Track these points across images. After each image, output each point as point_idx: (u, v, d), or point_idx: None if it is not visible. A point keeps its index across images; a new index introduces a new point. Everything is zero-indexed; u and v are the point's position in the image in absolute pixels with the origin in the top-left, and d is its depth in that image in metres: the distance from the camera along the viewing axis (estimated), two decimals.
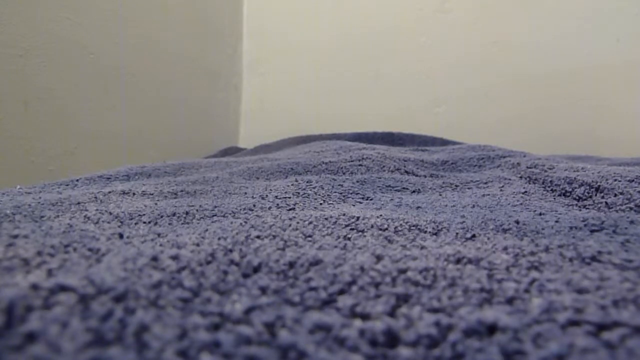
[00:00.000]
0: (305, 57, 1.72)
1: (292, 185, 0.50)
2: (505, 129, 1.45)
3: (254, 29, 1.78)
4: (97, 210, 0.37)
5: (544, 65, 1.43)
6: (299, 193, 0.47)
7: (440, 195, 0.52)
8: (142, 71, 1.23)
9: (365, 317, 0.18)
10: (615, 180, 0.47)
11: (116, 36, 1.14)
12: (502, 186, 0.54)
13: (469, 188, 0.56)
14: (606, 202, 0.43)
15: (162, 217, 0.36)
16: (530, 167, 0.64)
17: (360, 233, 0.29)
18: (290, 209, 0.40)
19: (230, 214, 0.38)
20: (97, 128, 1.08)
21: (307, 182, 0.51)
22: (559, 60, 1.42)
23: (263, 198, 0.44)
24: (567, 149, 1.31)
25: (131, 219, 0.35)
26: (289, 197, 0.45)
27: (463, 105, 1.53)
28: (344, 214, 0.33)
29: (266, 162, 0.72)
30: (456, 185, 0.58)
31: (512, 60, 1.47)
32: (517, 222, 0.33)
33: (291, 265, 0.22)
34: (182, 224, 0.35)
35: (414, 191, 0.55)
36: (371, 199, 0.49)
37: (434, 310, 0.18)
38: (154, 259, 0.21)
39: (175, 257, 0.21)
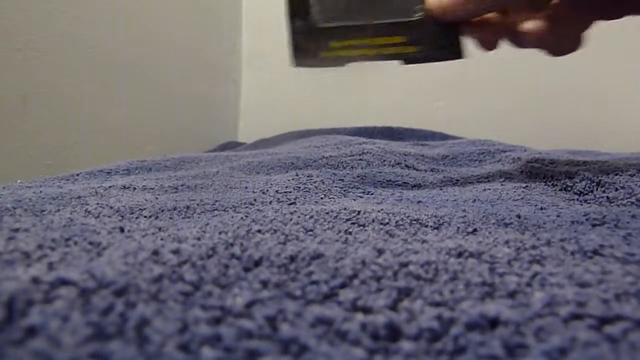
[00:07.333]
0: None
1: (292, 179, 0.50)
2: (506, 124, 1.45)
3: (254, 22, 1.77)
4: (97, 204, 0.37)
5: (543, 58, 1.42)
6: (299, 187, 0.46)
7: (441, 189, 0.52)
8: (141, 65, 1.23)
9: (366, 310, 0.18)
10: (617, 174, 0.47)
11: (115, 30, 1.13)
12: (503, 181, 0.54)
13: (469, 182, 0.56)
14: (607, 197, 0.43)
15: (163, 211, 0.36)
16: (531, 162, 0.63)
17: (361, 227, 0.29)
18: (291, 203, 0.40)
19: (231, 208, 0.38)
20: (97, 122, 1.08)
21: (308, 176, 0.51)
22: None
23: (264, 192, 0.44)
24: (568, 143, 1.31)
25: (132, 213, 0.35)
26: (290, 192, 0.44)
27: (463, 100, 1.52)
28: (345, 208, 0.33)
29: (266, 156, 0.72)
30: (457, 180, 0.58)
31: (512, 54, 1.46)
32: (519, 216, 0.33)
33: (292, 259, 0.22)
34: (183, 218, 0.35)
35: (414, 186, 0.55)
36: (372, 194, 0.49)
37: (436, 304, 0.18)
38: (155, 253, 0.21)
39: (176, 251, 0.21)
